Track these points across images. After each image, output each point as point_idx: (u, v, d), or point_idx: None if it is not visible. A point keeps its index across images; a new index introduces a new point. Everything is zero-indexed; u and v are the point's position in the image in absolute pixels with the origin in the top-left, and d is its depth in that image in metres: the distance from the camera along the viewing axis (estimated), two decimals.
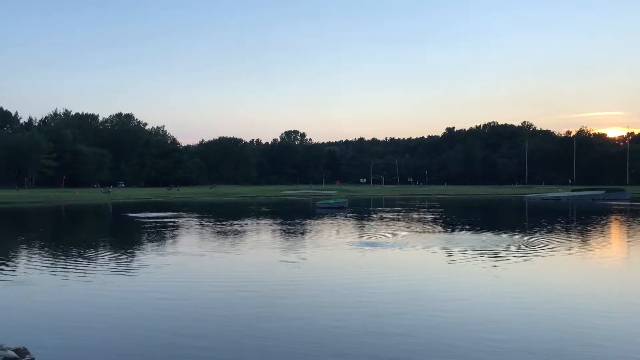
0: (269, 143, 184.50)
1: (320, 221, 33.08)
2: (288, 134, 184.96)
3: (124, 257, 17.94)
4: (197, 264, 16.49)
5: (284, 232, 27.23)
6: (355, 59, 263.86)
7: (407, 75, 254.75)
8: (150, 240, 22.85)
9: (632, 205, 50.61)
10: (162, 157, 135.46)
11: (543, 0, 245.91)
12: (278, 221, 33.49)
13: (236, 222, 32.64)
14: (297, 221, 33.63)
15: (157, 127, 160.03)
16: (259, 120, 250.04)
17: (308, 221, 33.35)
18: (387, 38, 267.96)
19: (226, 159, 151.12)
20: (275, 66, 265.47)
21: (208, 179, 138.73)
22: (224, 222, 32.17)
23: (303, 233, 26.25)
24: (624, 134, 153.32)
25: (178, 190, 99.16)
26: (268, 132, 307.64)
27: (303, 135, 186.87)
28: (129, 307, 10.80)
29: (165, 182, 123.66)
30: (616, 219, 34.66)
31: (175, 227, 29.29)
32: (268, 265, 16.15)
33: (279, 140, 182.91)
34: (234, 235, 24.90)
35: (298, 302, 11.14)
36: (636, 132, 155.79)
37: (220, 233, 25.80)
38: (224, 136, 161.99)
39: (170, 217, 36.40)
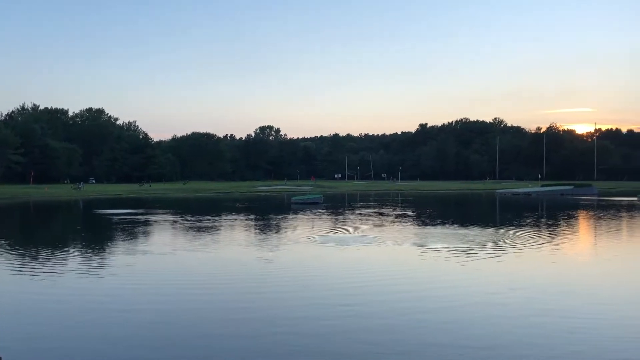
0: (243, 138, 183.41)
1: (294, 217, 33.11)
2: (262, 129, 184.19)
3: (90, 256, 17.66)
4: (164, 264, 16.35)
5: (258, 228, 27.19)
6: (330, 55, 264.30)
7: (381, 72, 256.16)
8: (119, 238, 22.58)
9: (599, 200, 51.92)
10: (134, 153, 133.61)
11: None
12: (252, 217, 33.40)
13: (209, 218, 32.44)
14: (271, 217, 33.61)
15: (129, 122, 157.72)
16: (233, 115, 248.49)
17: (282, 217, 33.34)
18: (361, 34, 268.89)
19: (200, 155, 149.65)
20: (249, 61, 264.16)
21: (181, 175, 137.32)
22: (196, 219, 31.94)
23: (277, 229, 26.26)
24: (592, 130, 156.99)
25: (150, 186, 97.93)
26: (242, 127, 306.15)
27: (278, 130, 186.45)
28: (89, 312, 10.67)
29: (138, 178, 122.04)
30: (583, 214, 35.54)
31: (146, 224, 28.98)
32: (239, 262, 16.13)
33: (254, 135, 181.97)
34: (205, 232, 24.76)
35: (272, 297, 11.17)
36: (604, 129, 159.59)
37: (191, 230, 25.63)
38: (197, 131, 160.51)
39: (142, 214, 35.98)
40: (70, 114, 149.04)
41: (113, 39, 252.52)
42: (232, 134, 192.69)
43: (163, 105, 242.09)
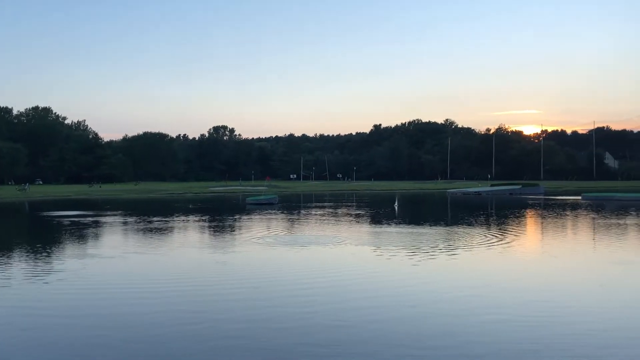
0: (197, 139, 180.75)
1: (249, 217, 32.87)
2: (217, 129, 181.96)
3: (34, 261, 17.02)
4: (112, 268, 15.94)
5: (211, 229, 26.85)
6: (284, 56, 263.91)
7: (336, 73, 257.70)
8: (66, 242, 21.85)
9: (546, 199, 53.76)
10: (83, 153, 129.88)
11: (463, 1, 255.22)
12: (205, 218, 32.95)
13: (160, 220, 31.80)
14: (225, 218, 33.25)
15: (78, 121, 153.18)
16: (186, 115, 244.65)
17: (237, 218, 33.04)
18: (316, 34, 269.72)
19: (152, 155, 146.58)
20: (202, 60, 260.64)
21: (133, 176, 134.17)
22: (147, 220, 31.25)
23: (231, 230, 25.98)
24: (539, 131, 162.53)
25: (100, 187, 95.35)
26: (196, 127, 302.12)
27: (232, 130, 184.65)
28: (31, 319, 10.29)
29: (87, 178, 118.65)
30: (531, 212, 36.73)
31: (95, 226, 28.16)
32: (191, 265, 15.89)
33: (207, 135, 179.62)
34: (156, 234, 24.27)
35: (223, 301, 11.04)
36: (550, 130, 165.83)
37: (142, 232, 25.07)
38: (150, 131, 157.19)
39: (91, 216, 34.95)
40: (15, 112, 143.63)
41: (60, 37, 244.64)
42: (185, 134, 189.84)
43: (113, 105, 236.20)
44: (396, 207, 39.85)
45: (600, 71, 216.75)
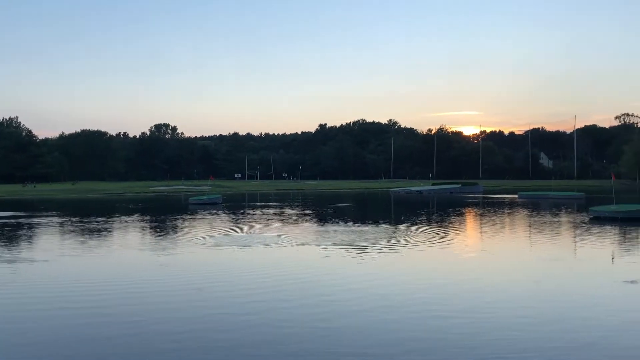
0: (138, 137, 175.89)
1: (192, 218, 32.25)
2: (158, 127, 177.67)
3: None
4: (45, 272, 15.26)
5: (152, 230, 26.17)
6: (229, 54, 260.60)
7: (281, 71, 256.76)
8: None
9: (484, 198, 55.72)
10: (16, 151, 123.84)
11: (402, 2, 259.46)
12: (146, 219, 32.08)
13: (98, 220, 30.70)
14: (167, 218, 32.48)
15: (10, 118, 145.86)
16: (126, 113, 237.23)
17: (179, 218, 32.35)
18: (261, 32, 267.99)
19: (90, 154, 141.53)
20: (143, 56, 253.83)
21: (70, 175, 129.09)
22: (84, 221, 30.09)
23: (173, 230, 25.40)
24: (478, 132, 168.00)
25: (35, 186, 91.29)
26: (137, 125, 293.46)
27: (175, 129, 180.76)
28: None
29: (21, 178, 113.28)
30: (471, 210, 37.90)
31: (29, 227, 26.86)
32: (130, 267, 15.42)
33: (149, 134, 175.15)
34: (94, 235, 23.41)
35: (162, 306, 10.75)
36: (488, 131, 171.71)
37: (79, 233, 24.12)
38: (88, 129, 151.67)
39: (25, 217, 33.33)
40: None
41: None
42: (125, 132, 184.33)
43: (48, 102, 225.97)
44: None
45: (536, 74, 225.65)
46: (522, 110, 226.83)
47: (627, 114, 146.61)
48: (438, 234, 22.31)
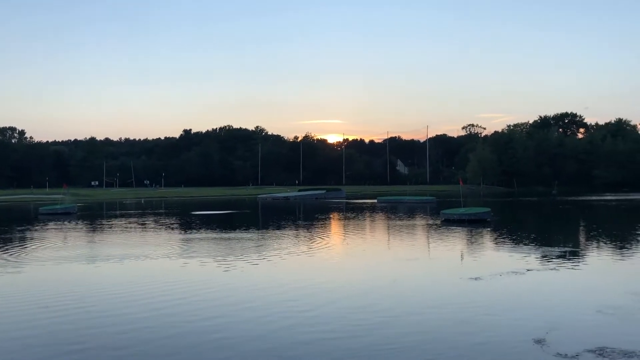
0: None
1: (42, 230, 29.65)
2: (3, 131, 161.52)
3: None
4: None
5: None
6: (84, 53, 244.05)
7: (142, 74, 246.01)
8: None
9: (347, 202, 58.25)
10: None
11: (275, 6, 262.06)
12: None
13: None
14: (12, 230, 29.52)
15: None
16: None
17: (27, 230, 29.57)
18: (122, 30, 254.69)
19: None
20: None
21: None
22: None
23: (19, 244, 23.12)
24: (341, 140, 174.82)
25: None
26: None
27: (22, 133, 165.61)
28: None
29: None
30: (335, 215, 39.36)
31: None
32: None
33: None
34: None
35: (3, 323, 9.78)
36: (351, 139, 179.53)
37: None
38: None
39: None
40: None
41: None
42: None
43: None
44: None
45: (390, 87, 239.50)
46: (380, 120, 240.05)
47: (473, 125, 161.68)
48: (304, 238, 22.80)
